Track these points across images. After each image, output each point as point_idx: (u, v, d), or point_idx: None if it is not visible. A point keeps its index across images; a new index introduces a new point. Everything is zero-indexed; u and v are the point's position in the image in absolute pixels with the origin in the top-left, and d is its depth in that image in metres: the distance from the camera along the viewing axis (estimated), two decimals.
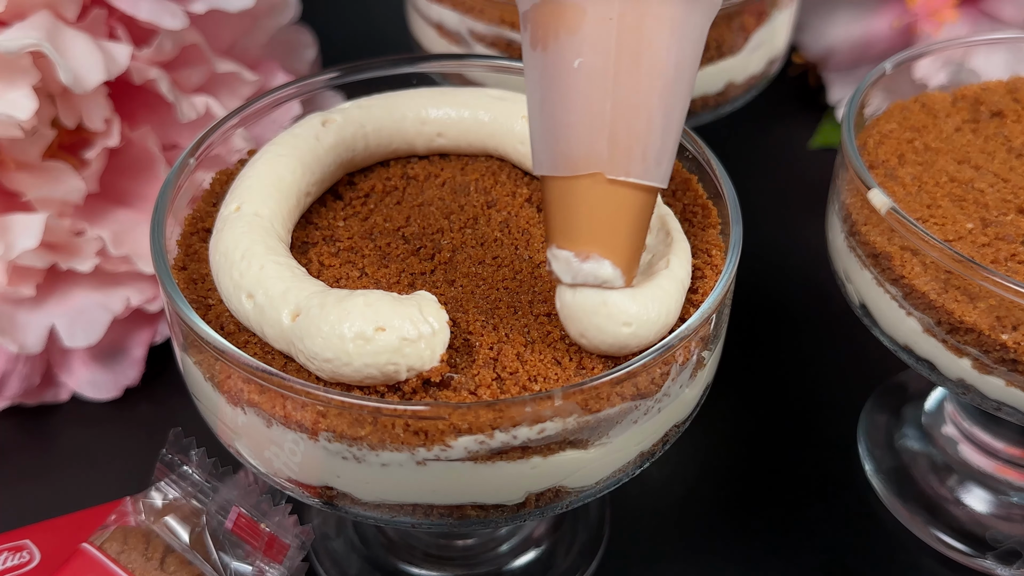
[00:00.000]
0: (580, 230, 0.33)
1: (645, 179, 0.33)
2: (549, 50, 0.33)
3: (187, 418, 0.45)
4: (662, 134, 0.33)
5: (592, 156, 0.33)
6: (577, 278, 0.34)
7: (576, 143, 0.33)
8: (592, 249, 0.33)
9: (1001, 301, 0.39)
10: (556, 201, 0.34)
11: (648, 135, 0.33)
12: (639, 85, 0.33)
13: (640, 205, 0.34)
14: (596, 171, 0.33)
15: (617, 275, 0.34)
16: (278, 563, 0.43)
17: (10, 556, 0.45)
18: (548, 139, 0.34)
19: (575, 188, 0.33)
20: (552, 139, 0.34)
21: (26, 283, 0.51)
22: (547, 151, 0.34)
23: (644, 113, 0.33)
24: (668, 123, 0.33)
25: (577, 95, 0.33)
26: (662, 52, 0.33)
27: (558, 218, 0.34)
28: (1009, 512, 0.50)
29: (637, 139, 0.33)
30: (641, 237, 0.35)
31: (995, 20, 0.65)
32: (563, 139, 0.33)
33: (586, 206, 0.33)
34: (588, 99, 0.33)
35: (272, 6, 0.58)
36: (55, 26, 0.47)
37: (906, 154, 0.46)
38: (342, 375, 0.33)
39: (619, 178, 0.33)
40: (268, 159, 0.40)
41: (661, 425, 0.37)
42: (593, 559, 0.48)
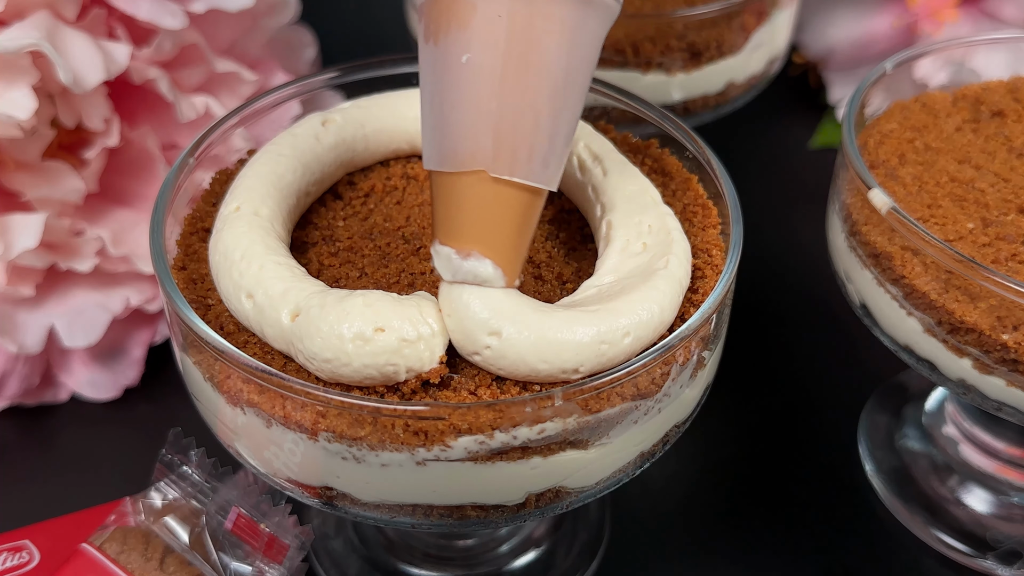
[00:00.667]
0: (462, 227, 0.33)
1: (530, 180, 0.33)
2: (440, 44, 0.33)
3: (187, 418, 0.45)
4: (549, 136, 0.33)
5: (477, 153, 0.33)
6: (457, 275, 0.34)
7: (461, 139, 0.33)
8: (473, 247, 0.33)
9: (1002, 301, 0.38)
10: (441, 197, 0.34)
11: (534, 136, 0.33)
12: (527, 85, 0.32)
13: (525, 205, 0.34)
14: (480, 168, 0.33)
15: (498, 275, 0.33)
16: (278, 563, 0.43)
17: (10, 556, 0.45)
18: (435, 134, 0.33)
19: (459, 184, 0.33)
20: (439, 134, 0.33)
21: (26, 283, 0.51)
22: (434, 146, 0.34)
23: (531, 114, 0.33)
24: (556, 126, 0.33)
25: (464, 91, 0.33)
26: (552, 54, 0.32)
27: (442, 214, 0.34)
28: (1010, 512, 0.50)
29: (523, 139, 0.33)
30: (525, 238, 0.34)
31: (996, 20, 0.65)
32: (449, 135, 0.33)
33: (469, 203, 0.33)
34: (475, 96, 0.32)
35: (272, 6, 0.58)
36: (55, 26, 0.47)
37: (907, 154, 0.46)
38: (341, 375, 0.33)
39: (503, 177, 0.33)
40: (268, 159, 0.40)
41: (661, 425, 0.37)
42: (593, 559, 0.48)
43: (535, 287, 0.38)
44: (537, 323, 0.33)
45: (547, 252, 0.39)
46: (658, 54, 0.54)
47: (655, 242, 0.38)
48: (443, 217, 0.34)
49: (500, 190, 0.33)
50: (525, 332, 0.33)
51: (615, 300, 0.35)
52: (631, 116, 0.45)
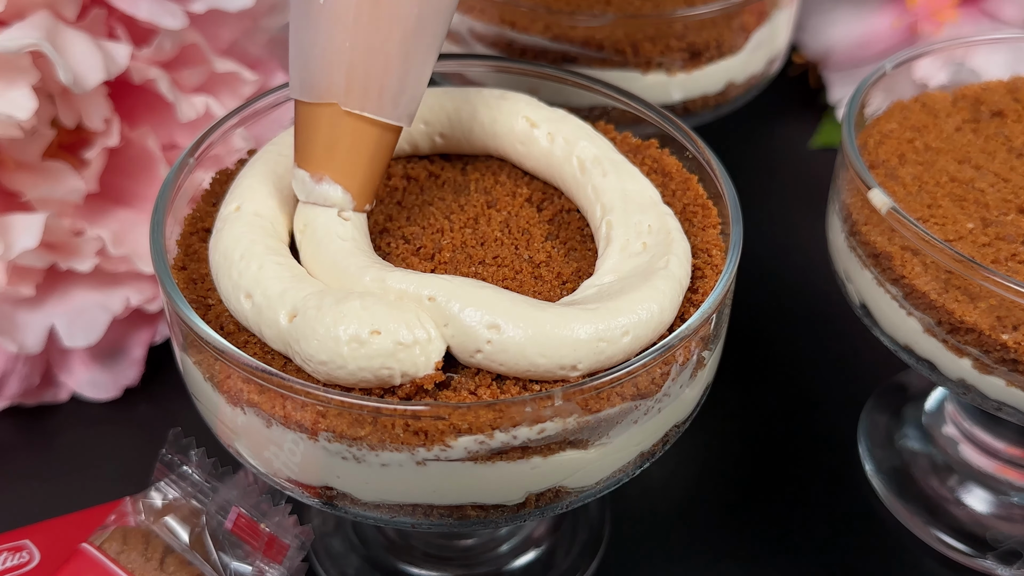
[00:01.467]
0: (317, 154, 0.37)
1: (379, 115, 0.36)
2: None
3: (187, 418, 0.45)
4: (400, 77, 0.36)
5: (331, 87, 0.36)
6: (310, 197, 0.37)
7: (318, 73, 0.36)
8: (325, 172, 0.37)
9: (1002, 301, 0.38)
10: (300, 124, 0.37)
11: (384, 76, 0.36)
12: (378, 29, 0.35)
13: (375, 138, 0.37)
14: (333, 101, 0.36)
15: (347, 200, 0.37)
16: (278, 563, 0.43)
17: (10, 556, 0.45)
18: (297, 65, 0.37)
19: (315, 114, 0.37)
20: (299, 66, 0.37)
21: (26, 283, 0.51)
22: (296, 76, 0.37)
23: (381, 56, 0.36)
24: (407, 68, 0.36)
25: (320, 30, 0.36)
26: (403, 2, 0.35)
27: (301, 140, 0.37)
28: (1009, 512, 0.50)
29: (373, 78, 0.36)
30: (377, 168, 0.38)
31: (995, 20, 0.65)
32: (307, 68, 0.36)
33: (322, 132, 0.37)
34: (330, 35, 0.36)
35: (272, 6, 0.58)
36: (55, 26, 0.47)
37: (906, 154, 0.46)
38: (337, 378, 0.33)
39: (354, 111, 0.36)
40: (268, 159, 0.40)
41: (661, 425, 0.37)
42: (593, 559, 0.48)
43: (535, 287, 0.38)
44: (535, 318, 0.33)
45: (547, 252, 0.39)
46: (658, 54, 0.54)
47: (655, 242, 0.38)
48: (301, 143, 0.37)
49: (351, 123, 0.36)
50: (523, 327, 0.33)
51: (615, 299, 0.35)
52: (631, 116, 0.45)
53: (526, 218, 0.41)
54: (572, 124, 0.43)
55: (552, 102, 0.44)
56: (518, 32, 0.55)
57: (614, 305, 0.34)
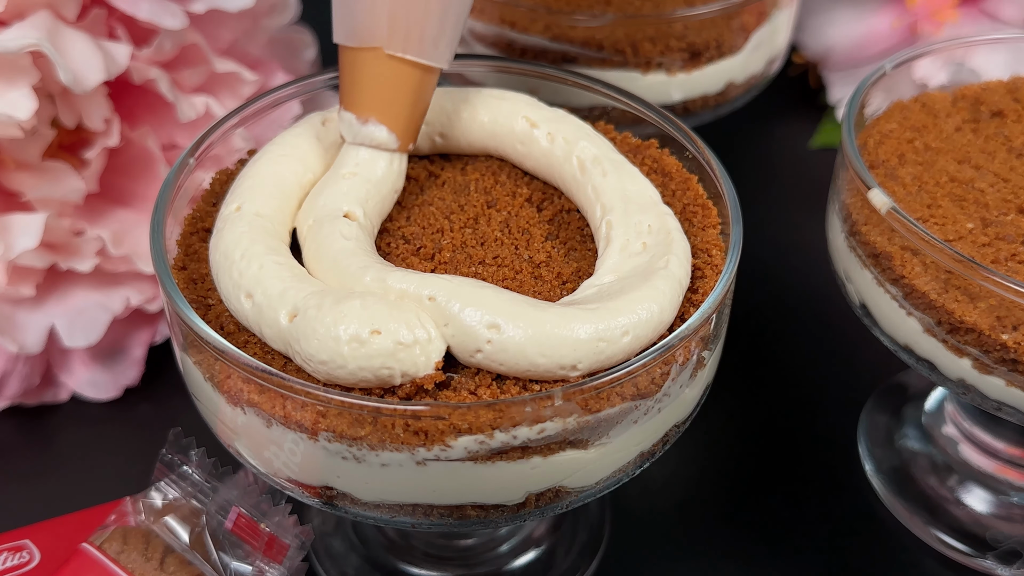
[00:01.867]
0: (362, 96, 0.39)
1: (421, 57, 0.38)
2: None
3: (187, 418, 0.45)
4: (439, 20, 0.38)
5: (374, 32, 0.38)
6: (356, 138, 0.39)
7: (361, 19, 0.38)
8: (371, 114, 0.39)
9: (1001, 301, 0.39)
10: (346, 68, 0.39)
11: (425, 19, 0.38)
12: None
13: (417, 80, 0.39)
14: (377, 45, 0.38)
15: (392, 139, 0.39)
16: (278, 563, 0.43)
17: (10, 556, 0.45)
18: (342, 11, 0.38)
19: (360, 58, 0.39)
20: (344, 13, 0.38)
21: (26, 283, 0.51)
22: (341, 22, 0.39)
23: (421, 1, 0.38)
24: (445, 11, 0.38)
25: None
26: None
27: (346, 83, 0.39)
28: (1009, 512, 0.50)
29: (414, 22, 0.38)
30: (419, 109, 0.40)
31: (995, 20, 0.65)
32: (352, 14, 0.38)
33: (367, 75, 0.39)
34: None
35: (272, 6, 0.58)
36: (55, 26, 0.47)
37: (906, 154, 0.46)
38: (337, 377, 0.33)
39: (396, 54, 0.38)
40: (269, 159, 0.40)
41: (661, 425, 0.37)
42: (593, 559, 0.48)
43: (535, 287, 0.38)
44: (535, 318, 0.33)
45: (547, 252, 0.39)
46: (658, 54, 0.54)
47: (655, 242, 0.38)
48: (347, 86, 0.39)
49: (394, 65, 0.38)
50: (523, 327, 0.33)
51: (615, 299, 0.35)
52: (631, 116, 0.45)
53: (526, 218, 0.41)
54: (572, 124, 0.43)
55: (552, 102, 0.44)
56: (518, 32, 0.55)
57: (614, 305, 0.34)
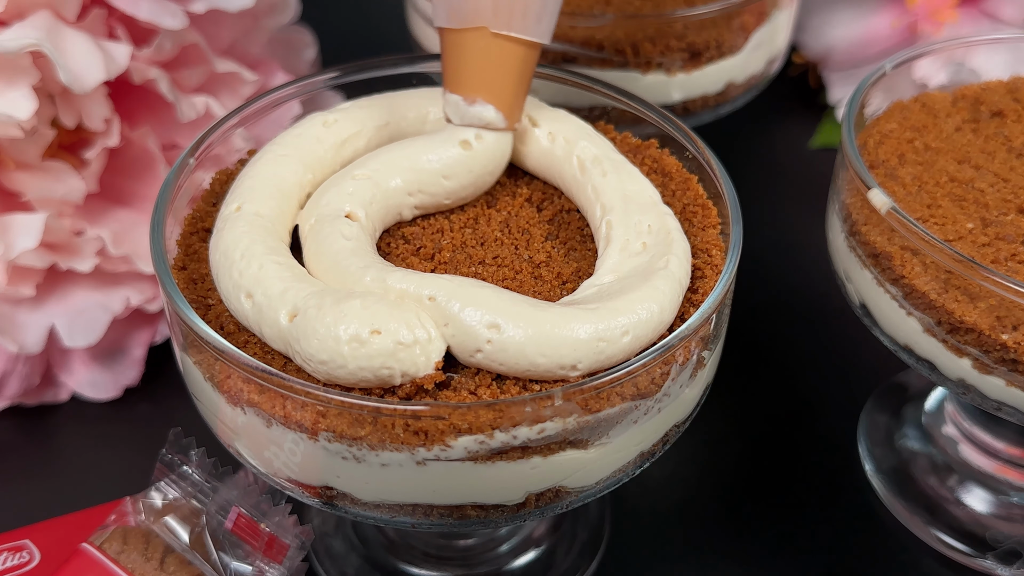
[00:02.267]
0: (468, 77, 0.39)
1: (525, 34, 0.38)
2: None
3: (187, 418, 0.45)
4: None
5: (479, 12, 0.38)
6: (464, 119, 0.40)
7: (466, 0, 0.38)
8: (478, 94, 0.39)
9: (1001, 301, 0.39)
10: (449, 50, 0.39)
11: None
12: None
13: (522, 57, 0.39)
14: (482, 25, 0.38)
15: (499, 118, 0.40)
16: (278, 563, 0.43)
17: (10, 556, 0.45)
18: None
19: (464, 39, 0.39)
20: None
21: (26, 283, 0.51)
22: (443, 5, 0.38)
23: None
24: None
25: None
26: None
27: (451, 66, 0.39)
28: (1009, 512, 0.50)
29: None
30: (524, 86, 0.40)
31: (995, 20, 0.65)
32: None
33: (473, 56, 0.39)
34: None
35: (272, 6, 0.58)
36: (55, 26, 0.47)
37: (906, 154, 0.46)
38: (337, 377, 0.33)
39: (501, 32, 0.38)
40: (269, 159, 0.40)
41: (661, 425, 0.37)
42: (593, 559, 0.48)
43: (535, 287, 0.38)
44: (535, 318, 0.33)
45: (547, 252, 0.39)
46: (658, 54, 0.54)
47: (655, 242, 0.38)
48: (451, 68, 0.39)
49: (499, 43, 0.38)
50: (523, 327, 0.33)
51: (614, 299, 0.35)
52: (631, 116, 0.45)
53: (526, 218, 0.41)
54: (572, 124, 0.43)
55: (552, 102, 0.44)
56: None
57: (614, 305, 0.34)
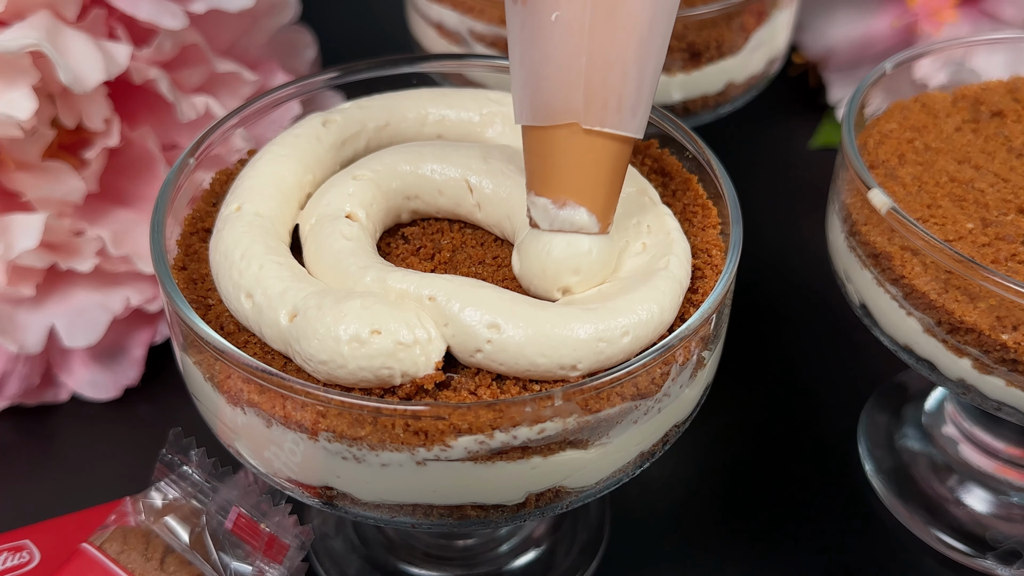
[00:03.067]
0: (557, 178, 0.35)
1: (620, 129, 0.35)
2: (528, 4, 0.34)
3: (187, 418, 0.45)
4: (636, 86, 0.34)
5: (569, 107, 0.34)
6: (554, 224, 0.36)
7: (553, 94, 0.34)
8: (569, 196, 0.35)
9: (1001, 301, 0.39)
10: (535, 150, 0.36)
11: (623, 87, 0.34)
12: (614, 39, 0.34)
13: (615, 154, 0.35)
14: (572, 121, 0.34)
15: (592, 221, 0.35)
16: (278, 563, 0.43)
17: (10, 556, 0.45)
18: (527, 90, 0.35)
19: (553, 138, 0.35)
20: (531, 90, 0.35)
21: (26, 283, 0.51)
22: (526, 102, 0.35)
23: (619, 66, 0.34)
24: (642, 76, 0.35)
25: (554, 47, 0.34)
26: (636, 7, 0.34)
27: (536, 166, 0.36)
28: (1009, 512, 0.50)
29: (612, 91, 0.34)
30: (617, 185, 0.36)
31: (995, 20, 0.65)
32: (541, 90, 0.34)
33: (563, 155, 0.35)
34: (565, 51, 0.34)
35: (272, 6, 0.58)
36: (55, 26, 0.47)
37: (906, 154, 0.46)
38: (337, 377, 0.33)
39: (594, 128, 0.34)
40: (269, 159, 0.40)
41: (661, 425, 0.37)
42: (593, 559, 0.48)
43: None
44: (535, 318, 0.33)
45: None
46: None
47: (654, 242, 0.38)
48: (537, 169, 0.36)
49: (592, 141, 0.35)
50: (523, 327, 0.33)
51: (614, 299, 0.35)
52: None
53: None
54: None
55: None
56: None
57: (614, 305, 0.34)
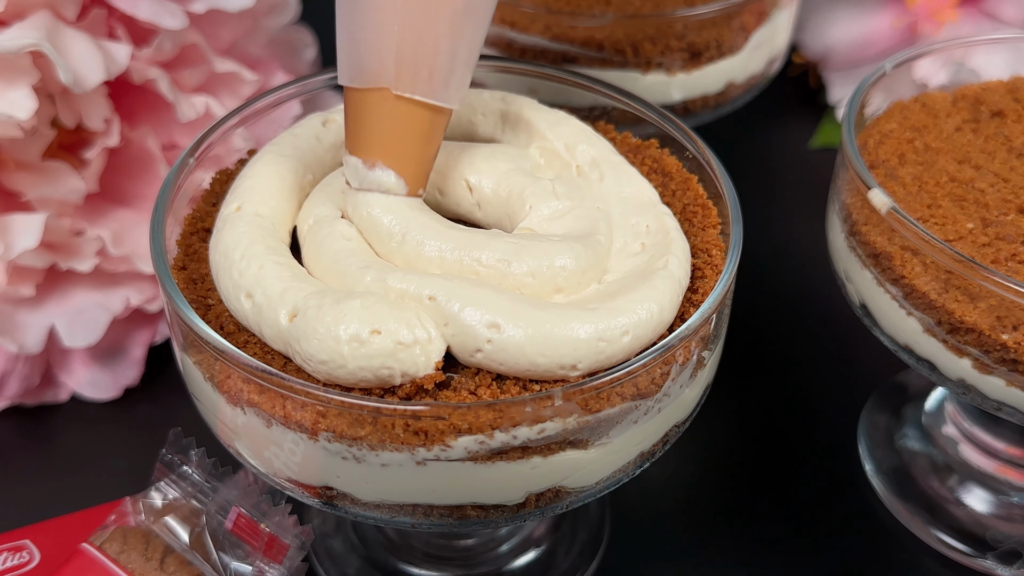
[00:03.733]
0: (369, 139, 0.37)
1: (430, 98, 0.36)
2: None
3: (187, 418, 0.45)
4: (449, 59, 0.36)
5: (381, 72, 0.36)
6: (363, 183, 0.37)
7: (368, 58, 0.36)
8: (378, 158, 0.36)
9: (1001, 301, 0.39)
10: (351, 110, 0.37)
11: (434, 58, 0.35)
12: (427, 11, 0.35)
13: (426, 121, 0.36)
14: (384, 86, 0.36)
15: (400, 184, 0.37)
16: (278, 563, 0.43)
17: (10, 556, 0.45)
18: (346, 52, 0.36)
19: (366, 99, 0.36)
20: (349, 52, 0.36)
21: (26, 283, 0.51)
22: (345, 62, 0.36)
23: (430, 38, 0.35)
24: (455, 50, 0.36)
25: (369, 14, 0.35)
26: None
27: (351, 126, 0.37)
28: (1009, 512, 0.50)
29: (423, 60, 0.35)
30: (429, 152, 0.37)
31: (995, 20, 0.65)
32: (357, 53, 0.36)
33: (374, 118, 0.36)
34: (379, 19, 0.35)
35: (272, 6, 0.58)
36: (55, 26, 0.47)
37: (906, 154, 0.46)
38: (337, 377, 0.33)
39: (404, 94, 0.36)
40: (269, 159, 0.40)
41: (661, 425, 0.37)
42: (593, 559, 0.48)
43: None
44: (535, 318, 0.33)
45: None
46: (658, 54, 0.54)
47: (653, 242, 0.38)
48: (352, 129, 0.37)
49: (402, 106, 0.36)
50: (523, 326, 0.33)
51: (614, 299, 0.35)
52: (631, 116, 0.45)
53: None
54: (572, 126, 0.43)
55: (552, 102, 0.44)
56: (518, 32, 0.55)
57: (614, 305, 0.34)
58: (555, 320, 0.33)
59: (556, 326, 0.33)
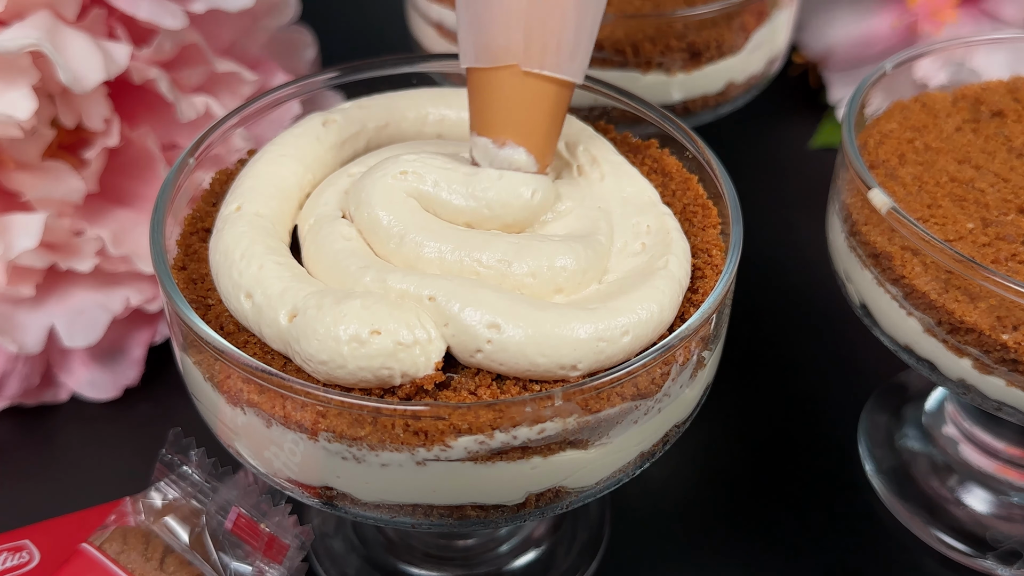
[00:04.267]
0: (497, 118, 0.37)
1: (558, 72, 0.36)
2: None
3: (187, 418, 0.45)
4: (575, 30, 0.36)
5: (509, 49, 0.36)
6: (494, 163, 0.37)
7: (494, 36, 0.36)
8: (508, 136, 0.37)
9: (1002, 301, 0.39)
10: (477, 91, 0.37)
11: (561, 31, 0.35)
12: None
13: (554, 96, 0.37)
14: (512, 63, 0.36)
15: (531, 161, 0.37)
16: (278, 563, 0.43)
17: (10, 556, 0.45)
18: (470, 32, 0.36)
19: (493, 79, 0.36)
20: (474, 32, 0.36)
21: (26, 283, 0.51)
22: (469, 43, 0.36)
23: (558, 10, 0.35)
24: (581, 21, 0.36)
25: None
26: None
27: (479, 107, 0.37)
28: (1009, 512, 0.50)
29: (551, 34, 0.35)
30: (556, 128, 0.37)
31: (996, 20, 0.65)
32: (483, 32, 0.36)
33: (503, 96, 0.36)
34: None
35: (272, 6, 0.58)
36: (55, 26, 0.47)
37: (906, 154, 0.46)
38: (336, 378, 0.33)
39: (533, 70, 0.36)
40: (269, 159, 0.40)
41: (661, 425, 0.37)
42: (593, 559, 0.48)
43: None
44: (535, 318, 0.33)
45: None
46: (658, 54, 0.54)
47: (654, 242, 0.38)
48: (479, 110, 0.37)
49: (531, 83, 0.36)
50: (523, 326, 0.33)
51: (614, 299, 0.35)
52: (631, 116, 0.45)
53: None
54: (572, 126, 0.43)
55: None
56: None
57: (614, 305, 0.34)
58: (555, 320, 0.33)
59: (556, 326, 0.33)
